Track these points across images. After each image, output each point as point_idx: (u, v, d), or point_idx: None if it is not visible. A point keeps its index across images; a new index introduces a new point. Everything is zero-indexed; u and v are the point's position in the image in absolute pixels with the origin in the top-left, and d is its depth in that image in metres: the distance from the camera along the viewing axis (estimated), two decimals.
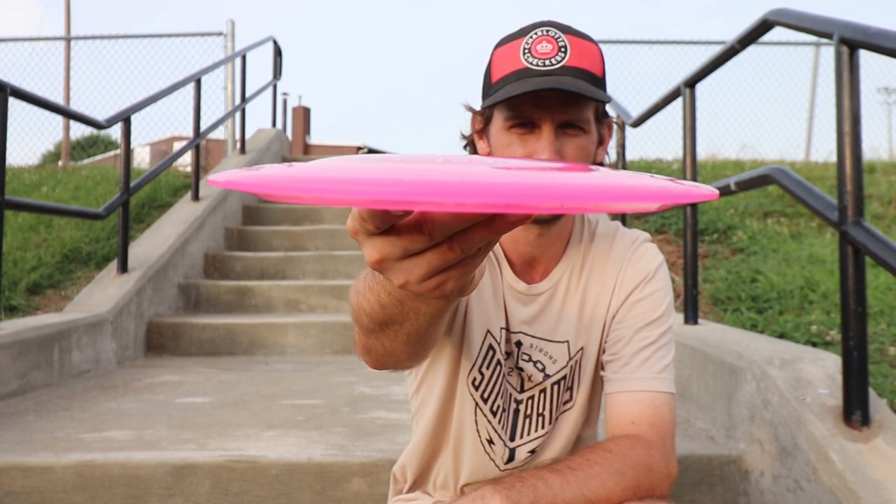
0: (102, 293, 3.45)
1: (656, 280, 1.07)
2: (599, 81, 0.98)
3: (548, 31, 0.96)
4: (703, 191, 0.41)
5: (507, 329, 1.08)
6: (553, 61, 0.94)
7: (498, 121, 1.00)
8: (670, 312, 1.07)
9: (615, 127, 3.35)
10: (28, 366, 2.63)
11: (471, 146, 1.11)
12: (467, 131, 1.11)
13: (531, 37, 0.96)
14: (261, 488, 1.76)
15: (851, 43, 1.59)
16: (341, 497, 1.76)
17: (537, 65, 0.94)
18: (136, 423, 2.18)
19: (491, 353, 1.07)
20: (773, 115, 7.83)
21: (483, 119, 1.06)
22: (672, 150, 8.09)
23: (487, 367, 1.07)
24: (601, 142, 1.06)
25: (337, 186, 0.37)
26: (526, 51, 0.96)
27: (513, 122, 0.97)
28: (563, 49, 0.95)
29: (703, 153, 7.76)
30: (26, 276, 3.86)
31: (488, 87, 1.01)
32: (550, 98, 0.94)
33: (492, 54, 1.01)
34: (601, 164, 1.09)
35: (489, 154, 1.05)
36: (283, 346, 3.57)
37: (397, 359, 0.78)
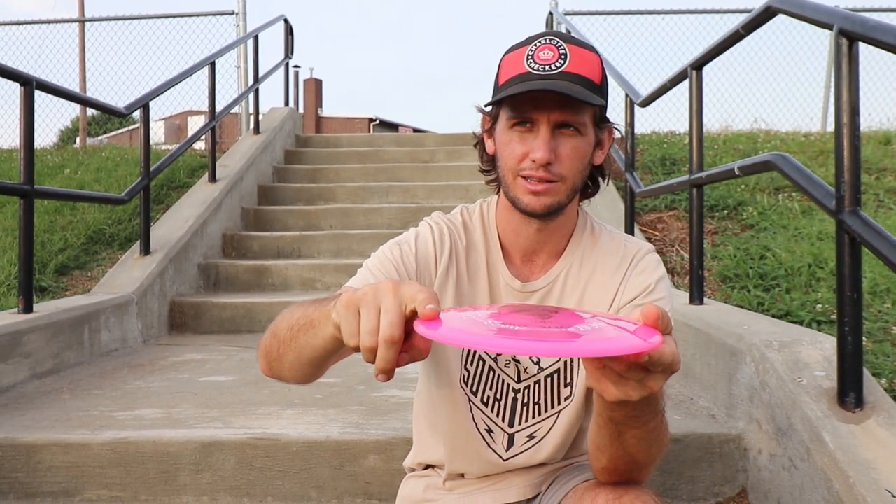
0: (127, 275, 3.57)
1: (658, 291, 1.15)
2: (597, 87, 1.06)
3: (551, 39, 1.06)
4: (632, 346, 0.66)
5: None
6: (553, 67, 1.03)
7: (502, 120, 1.10)
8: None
9: (625, 106, 3.33)
10: (61, 346, 2.76)
11: (481, 144, 1.20)
12: (479, 131, 1.20)
13: (535, 45, 1.06)
14: (282, 464, 1.87)
15: (850, 35, 1.62)
16: (358, 472, 1.86)
17: (538, 69, 1.04)
18: (165, 401, 2.29)
19: (472, 351, 1.17)
20: (788, 85, 7.75)
21: (491, 119, 1.16)
22: (686, 122, 8.04)
23: (471, 364, 1.18)
24: (600, 145, 1.13)
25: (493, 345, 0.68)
26: (529, 57, 1.05)
27: (514, 121, 1.07)
28: (563, 56, 1.04)
29: (716, 125, 7.74)
30: (54, 257, 3.99)
31: (496, 89, 1.10)
32: (548, 99, 1.03)
33: (500, 61, 1.11)
34: (600, 167, 1.16)
35: (495, 152, 1.14)
36: None
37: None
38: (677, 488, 1.87)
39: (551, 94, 1.01)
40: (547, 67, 1.03)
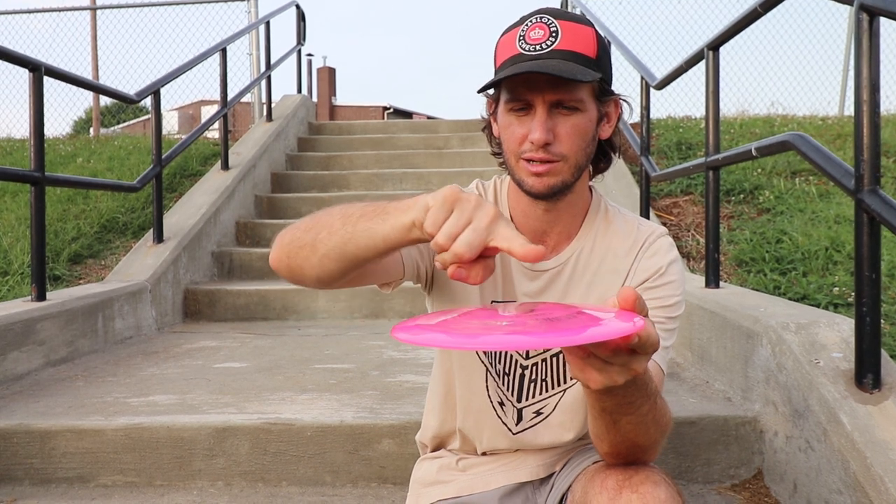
0: (140, 263, 3.59)
1: (669, 273, 1.13)
2: (592, 62, 1.04)
3: (542, 17, 1.05)
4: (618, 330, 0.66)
5: (508, 301, 1.15)
6: (543, 46, 1.02)
7: (501, 104, 1.09)
8: (681, 305, 1.14)
9: (641, 89, 3.28)
10: (75, 334, 2.77)
11: (488, 128, 1.20)
12: (486, 115, 1.20)
13: (526, 24, 1.05)
14: (297, 448, 1.87)
15: (871, 10, 1.59)
16: (372, 457, 1.86)
17: (529, 50, 1.03)
18: (179, 387, 2.30)
19: None
20: (805, 68, 7.61)
21: (494, 103, 1.15)
22: (701, 106, 7.94)
23: None
24: (606, 118, 1.11)
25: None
26: (521, 38, 1.04)
27: (511, 105, 1.06)
28: (554, 34, 1.03)
29: (732, 109, 7.64)
30: (67, 246, 4.02)
31: (494, 74, 1.09)
32: (540, 80, 1.02)
33: (496, 43, 1.10)
34: (609, 140, 1.14)
35: (499, 134, 1.13)
36: (314, 311, 3.69)
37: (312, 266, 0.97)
38: (693, 471, 1.86)
39: (544, 74, 1.00)
40: (538, 47, 1.02)
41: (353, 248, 0.91)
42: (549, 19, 1.03)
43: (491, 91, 1.13)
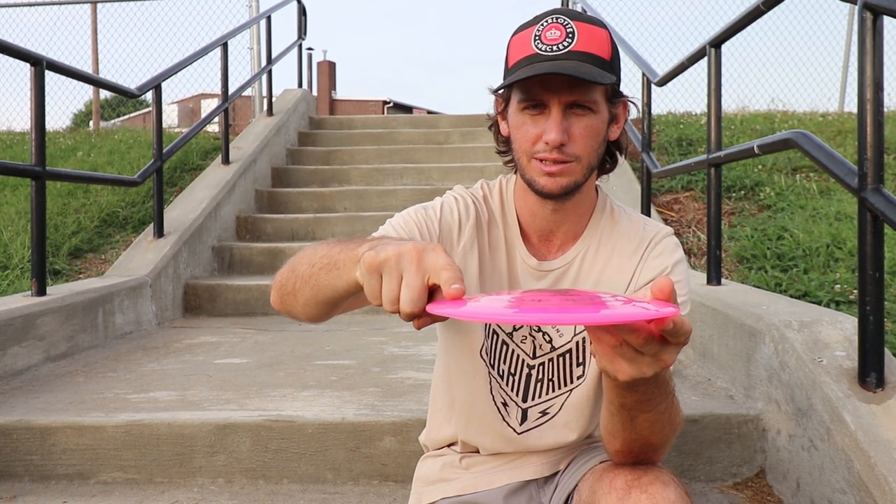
0: (141, 257, 3.58)
1: (675, 274, 1.13)
2: (607, 64, 1.04)
3: (557, 18, 1.04)
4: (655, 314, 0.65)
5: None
6: (560, 46, 1.02)
7: (514, 103, 1.09)
8: (686, 305, 1.13)
9: (642, 86, 3.27)
10: (75, 329, 2.77)
11: (495, 126, 1.19)
12: (493, 114, 1.20)
13: (542, 24, 1.04)
14: (298, 446, 1.87)
15: (875, 9, 1.58)
16: (374, 454, 1.86)
17: (545, 50, 1.02)
18: (179, 383, 2.30)
19: (488, 324, 1.17)
20: (805, 65, 7.59)
21: (504, 102, 1.14)
22: (701, 103, 7.92)
23: (488, 338, 1.18)
24: (615, 120, 1.12)
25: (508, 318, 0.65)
26: (537, 37, 1.04)
27: (525, 104, 1.06)
28: (570, 35, 1.03)
29: (733, 106, 7.62)
30: (67, 240, 4.01)
31: (505, 72, 1.09)
32: (557, 81, 1.02)
33: (508, 42, 1.10)
34: (617, 141, 1.14)
35: (509, 133, 1.13)
36: None
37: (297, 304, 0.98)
38: (695, 469, 1.86)
39: (560, 76, 1.00)
40: (554, 48, 1.02)
41: (324, 296, 0.91)
42: (564, 20, 1.03)
43: (498, 90, 1.12)
